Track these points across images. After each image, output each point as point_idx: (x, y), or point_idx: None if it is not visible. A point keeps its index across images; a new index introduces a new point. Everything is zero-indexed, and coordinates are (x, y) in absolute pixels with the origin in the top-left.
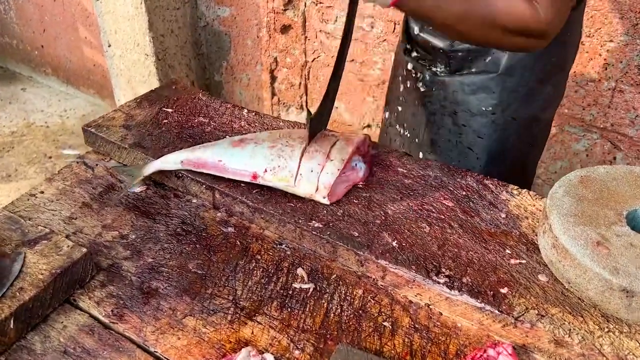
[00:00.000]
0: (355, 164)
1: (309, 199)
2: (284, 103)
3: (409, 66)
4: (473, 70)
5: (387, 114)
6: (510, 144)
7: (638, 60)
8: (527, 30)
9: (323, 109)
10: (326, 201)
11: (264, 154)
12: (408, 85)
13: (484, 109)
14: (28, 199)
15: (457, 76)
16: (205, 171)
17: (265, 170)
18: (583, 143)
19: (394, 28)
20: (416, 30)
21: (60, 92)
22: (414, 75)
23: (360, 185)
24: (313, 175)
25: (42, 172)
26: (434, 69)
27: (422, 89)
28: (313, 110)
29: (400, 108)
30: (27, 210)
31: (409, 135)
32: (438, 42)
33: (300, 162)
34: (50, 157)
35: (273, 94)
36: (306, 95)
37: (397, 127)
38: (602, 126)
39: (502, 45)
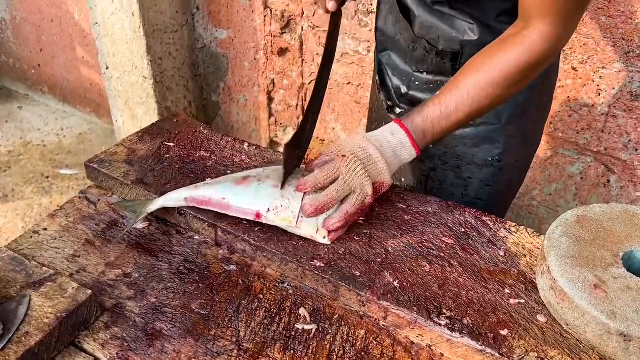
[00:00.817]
0: None
1: (311, 238)
2: (281, 123)
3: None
4: (472, 123)
5: None
6: (513, 184)
7: (630, 87)
8: (540, 61)
9: (301, 134)
10: (327, 241)
11: (268, 193)
12: None
13: (490, 159)
14: (31, 237)
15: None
16: (209, 208)
17: (268, 210)
18: (577, 166)
19: None
20: (403, 89)
21: (57, 111)
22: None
23: (361, 221)
24: (313, 220)
25: (39, 192)
26: None
27: None
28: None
29: None
30: (30, 248)
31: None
32: (424, 97)
33: (302, 203)
34: (47, 177)
35: (270, 115)
36: (303, 116)
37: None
38: (596, 150)
39: (522, 86)
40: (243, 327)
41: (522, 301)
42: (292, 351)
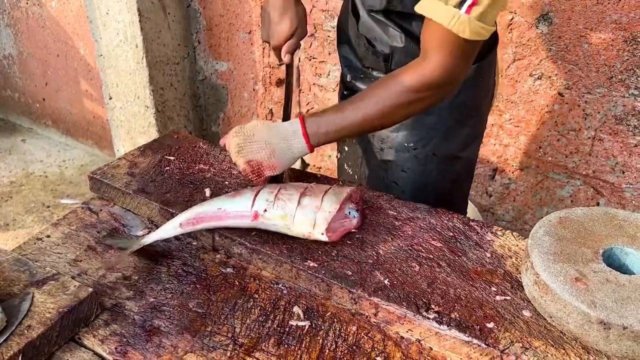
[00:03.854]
0: (349, 212)
1: (306, 239)
2: None
3: None
4: None
5: (338, 155)
6: (432, 178)
7: (614, 111)
8: (432, 87)
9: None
10: (325, 238)
11: (264, 197)
12: None
13: (406, 144)
14: (35, 243)
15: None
16: (205, 225)
17: (266, 210)
18: (567, 189)
19: None
20: (349, 77)
21: (59, 143)
22: (339, 102)
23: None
24: (310, 213)
25: (40, 221)
26: None
27: None
28: None
29: (346, 148)
30: (34, 253)
31: (351, 172)
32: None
33: (299, 202)
34: (48, 207)
35: None
36: None
37: (346, 166)
38: (584, 173)
39: (422, 107)
40: (238, 324)
41: (508, 298)
42: (285, 346)
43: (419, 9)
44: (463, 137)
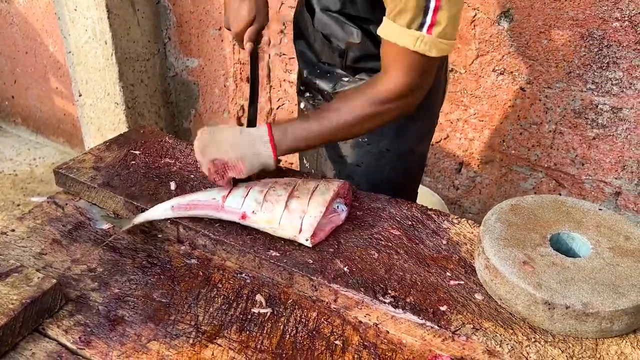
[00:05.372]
0: (337, 206)
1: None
2: None
3: (302, 105)
4: None
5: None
6: (386, 172)
7: (573, 105)
8: (390, 102)
9: None
10: (308, 243)
11: (254, 196)
12: None
13: (360, 140)
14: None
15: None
16: (197, 212)
17: (254, 212)
18: (530, 182)
19: None
20: (305, 73)
21: (29, 142)
22: (305, 113)
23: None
24: (296, 219)
25: (9, 219)
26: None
27: None
28: None
29: None
30: None
31: (309, 167)
32: (323, 85)
33: (286, 206)
34: (18, 205)
35: None
36: None
37: (304, 160)
38: (546, 165)
39: (389, 118)
40: (202, 313)
41: (462, 282)
42: (247, 332)
43: (381, 33)
44: (415, 133)
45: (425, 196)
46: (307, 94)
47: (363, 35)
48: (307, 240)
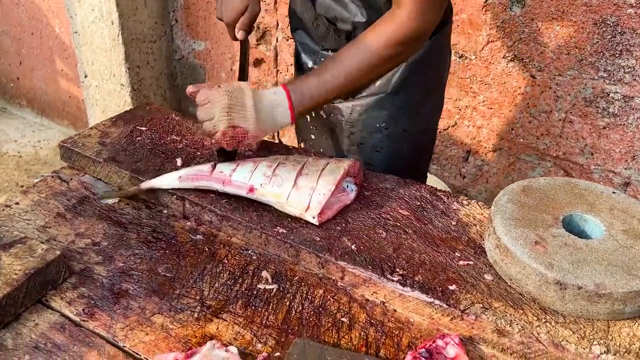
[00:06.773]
0: (347, 186)
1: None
2: None
3: None
4: (364, 94)
5: (302, 144)
6: (404, 153)
7: (584, 93)
8: (408, 37)
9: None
10: (315, 221)
11: (263, 170)
12: (313, 115)
13: (377, 125)
14: (3, 210)
15: (349, 101)
16: (203, 183)
17: (262, 185)
18: (538, 171)
19: None
20: (310, 64)
21: (34, 124)
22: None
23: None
24: (305, 195)
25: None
26: None
27: (323, 116)
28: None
29: (313, 136)
30: (1, 219)
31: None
32: None
33: (295, 182)
34: (22, 186)
35: None
36: None
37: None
38: (554, 154)
39: (398, 61)
40: (207, 287)
41: (471, 262)
42: (253, 307)
43: None
44: (429, 110)
45: (432, 184)
46: None
47: (367, 11)
48: (314, 217)
